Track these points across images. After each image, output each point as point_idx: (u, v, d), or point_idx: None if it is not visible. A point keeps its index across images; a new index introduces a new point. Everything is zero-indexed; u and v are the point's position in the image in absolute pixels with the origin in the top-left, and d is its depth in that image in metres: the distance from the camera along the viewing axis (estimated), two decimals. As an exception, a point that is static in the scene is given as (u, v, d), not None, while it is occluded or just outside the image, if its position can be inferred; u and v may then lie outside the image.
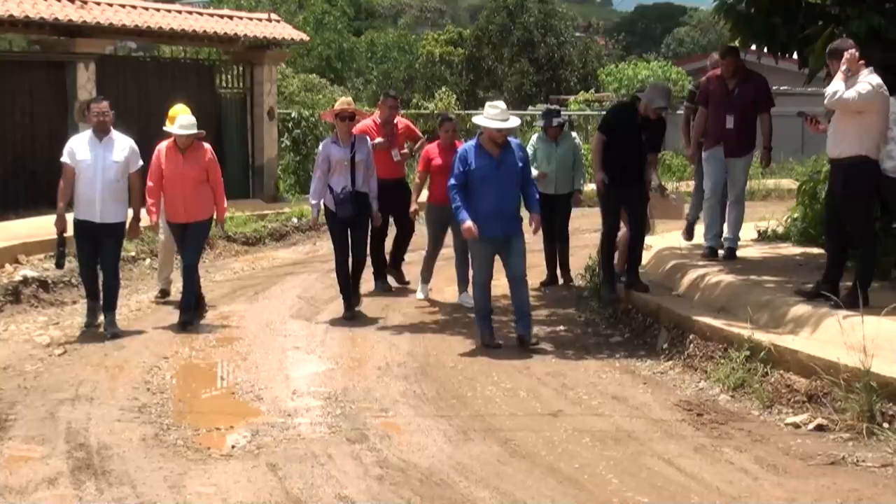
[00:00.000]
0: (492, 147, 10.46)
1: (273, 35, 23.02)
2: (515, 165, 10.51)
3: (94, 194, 10.97)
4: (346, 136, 11.94)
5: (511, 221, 10.54)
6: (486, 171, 10.40)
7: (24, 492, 6.78)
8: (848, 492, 6.80)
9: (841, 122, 9.45)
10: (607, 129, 11.83)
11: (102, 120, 11.11)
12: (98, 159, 11.02)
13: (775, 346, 9.02)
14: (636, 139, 11.52)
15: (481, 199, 10.41)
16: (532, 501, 6.66)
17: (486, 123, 10.43)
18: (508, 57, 44.71)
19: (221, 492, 6.80)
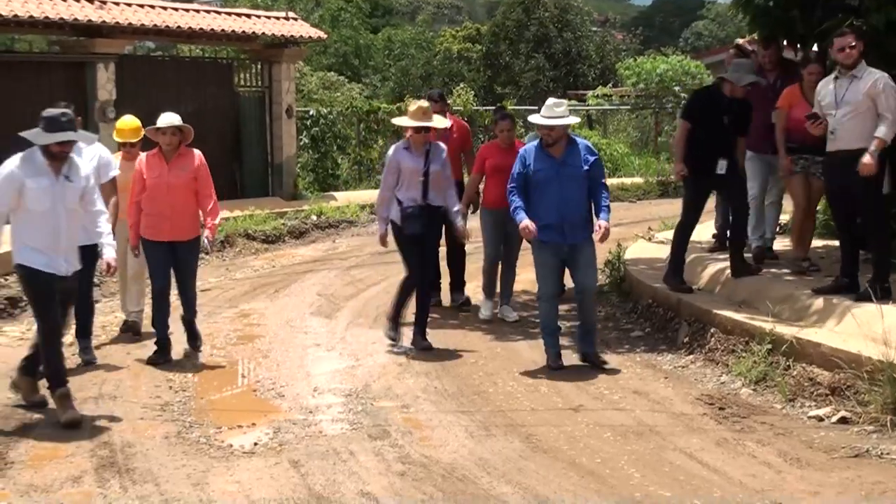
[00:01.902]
0: (551, 147, 9.60)
1: (290, 33, 23.08)
2: (580, 167, 9.58)
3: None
4: (420, 144, 10.35)
5: (576, 229, 9.61)
6: (547, 172, 9.54)
7: (49, 490, 6.80)
8: (872, 485, 6.78)
9: (857, 117, 9.39)
10: (689, 115, 11.13)
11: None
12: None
13: (797, 339, 9.01)
14: (720, 125, 10.74)
15: (541, 204, 9.58)
16: (554, 496, 6.65)
17: (535, 120, 9.77)
18: (525, 52, 44.73)
19: (244, 489, 6.81)
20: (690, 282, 11.55)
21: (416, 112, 10.31)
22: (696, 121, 10.84)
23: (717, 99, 10.87)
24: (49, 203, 7.95)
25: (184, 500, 6.61)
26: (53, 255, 8.04)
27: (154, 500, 6.61)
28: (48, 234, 8.00)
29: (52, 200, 7.97)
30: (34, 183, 7.88)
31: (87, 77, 19.09)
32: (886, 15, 10.57)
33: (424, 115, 10.29)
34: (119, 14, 19.73)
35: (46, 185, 7.94)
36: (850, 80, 9.43)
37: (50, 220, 7.99)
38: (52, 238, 8.02)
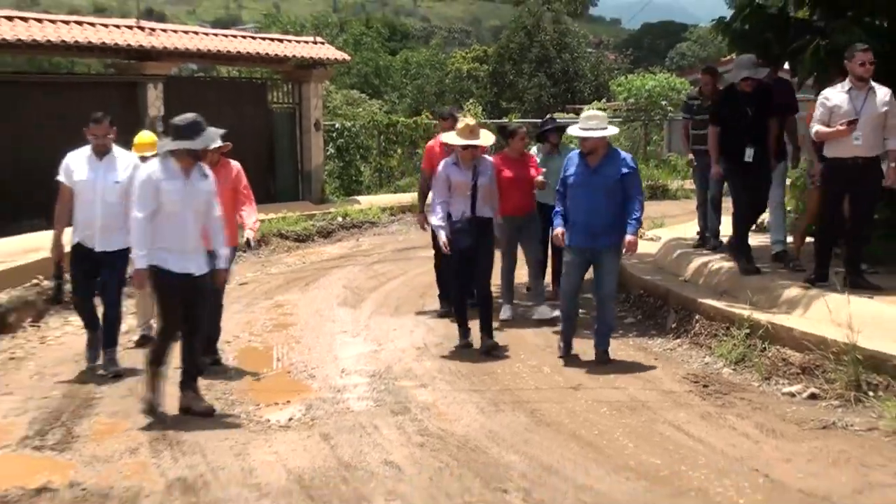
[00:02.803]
0: (591, 156, 9.13)
1: (318, 55, 23.10)
2: (612, 178, 9.06)
3: (95, 219, 8.91)
4: (468, 159, 9.77)
5: (602, 235, 9.11)
6: (579, 179, 9.15)
7: (109, 460, 6.84)
8: (838, 453, 6.80)
9: (877, 127, 9.30)
10: (716, 120, 10.76)
11: (101, 143, 9.00)
12: (98, 180, 8.92)
13: (772, 324, 9.02)
14: (744, 118, 10.38)
15: (572, 208, 9.20)
16: (557, 464, 6.67)
17: (572, 132, 9.33)
18: (528, 72, 44.71)
19: (281, 459, 6.84)
20: (678, 274, 11.57)
21: (464, 130, 9.74)
22: (723, 122, 10.61)
23: (735, 96, 10.56)
24: (180, 205, 7.69)
25: (228, 469, 6.64)
26: (183, 256, 7.75)
27: (201, 469, 6.65)
28: (179, 235, 7.71)
29: (183, 203, 7.71)
30: (169, 185, 7.63)
31: (138, 95, 19.17)
32: (849, 36, 10.62)
33: (471, 133, 9.71)
34: (166, 39, 19.86)
35: (180, 187, 7.67)
36: (865, 92, 9.31)
37: (180, 222, 7.72)
38: (182, 239, 7.74)
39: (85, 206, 8.91)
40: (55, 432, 7.44)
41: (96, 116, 9.00)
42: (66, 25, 18.53)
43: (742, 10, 12.25)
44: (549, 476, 6.47)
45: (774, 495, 6.11)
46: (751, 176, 10.50)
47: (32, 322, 11.05)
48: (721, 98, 11.10)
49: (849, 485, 6.24)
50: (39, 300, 11.43)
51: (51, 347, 10.24)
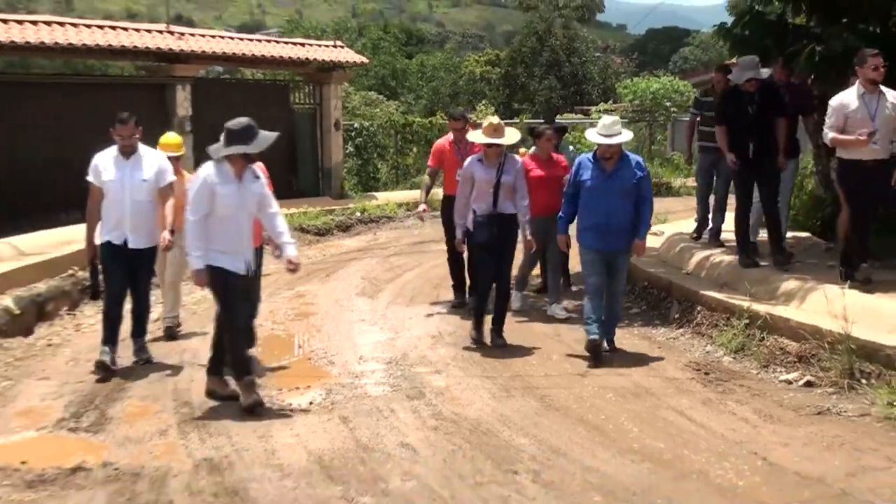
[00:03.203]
0: (603, 161, 8.92)
1: (338, 59, 23.12)
2: (628, 181, 8.88)
3: (124, 217, 8.69)
4: (493, 157, 9.50)
5: (618, 237, 8.94)
6: (595, 182, 8.87)
7: (141, 441, 6.88)
8: (832, 437, 6.80)
9: (890, 130, 9.19)
10: (721, 119, 10.54)
11: (127, 144, 8.76)
12: (125, 179, 8.69)
13: (770, 315, 9.01)
14: (746, 116, 10.23)
15: (588, 211, 8.95)
16: (565, 447, 6.67)
17: (593, 138, 8.95)
18: (539, 75, 44.68)
19: (302, 440, 6.86)
20: (680, 267, 11.55)
21: (488, 129, 9.48)
22: (728, 120, 10.42)
23: (739, 97, 10.35)
24: (234, 208, 7.53)
25: (251, 450, 6.66)
26: (237, 256, 7.57)
27: (227, 450, 6.66)
28: (232, 236, 7.55)
29: (237, 206, 7.54)
30: (223, 189, 7.45)
31: (167, 96, 19.24)
32: (844, 41, 10.64)
33: (496, 131, 9.44)
34: (194, 43, 19.92)
35: (234, 191, 7.50)
36: (877, 96, 9.16)
37: (234, 224, 7.55)
38: (236, 240, 7.58)
39: (114, 205, 8.69)
40: (89, 415, 7.48)
41: (122, 117, 8.79)
42: (100, 30, 18.60)
43: (742, 16, 12.26)
44: (557, 458, 6.47)
45: (772, 477, 6.11)
46: (754, 172, 10.36)
47: (68, 310, 11.10)
48: (725, 98, 10.93)
49: (842, 468, 6.23)
50: (75, 290, 11.48)
51: (85, 335, 10.28)
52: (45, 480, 6.08)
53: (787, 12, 12.51)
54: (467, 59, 51.88)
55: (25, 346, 9.56)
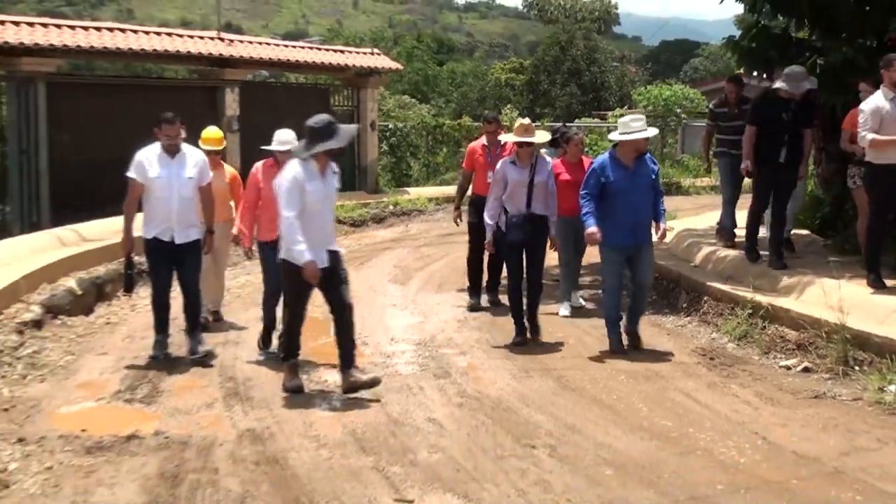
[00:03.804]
0: (628, 159, 8.58)
1: (375, 65, 23.12)
2: (648, 177, 8.64)
3: (171, 214, 8.31)
4: (525, 158, 9.06)
5: (644, 230, 8.69)
6: (623, 182, 8.51)
7: (189, 412, 6.92)
8: (827, 419, 6.78)
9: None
10: (755, 121, 10.01)
11: (173, 143, 8.43)
12: (172, 177, 8.31)
13: (772, 305, 8.98)
14: (782, 122, 9.80)
15: (618, 210, 8.50)
16: (579, 424, 6.66)
17: (625, 137, 8.52)
18: (560, 82, 44.49)
19: (338, 415, 6.88)
20: (689, 260, 11.49)
21: (520, 129, 9.08)
22: (761, 123, 9.91)
23: (776, 102, 9.87)
24: (321, 202, 7.28)
25: (291, 422, 6.69)
26: (319, 250, 7.23)
27: (268, 422, 6.69)
28: (318, 230, 7.25)
29: (323, 200, 7.30)
30: (311, 186, 7.18)
31: (217, 98, 19.30)
32: (843, 54, 10.63)
33: (527, 131, 9.07)
34: (243, 50, 19.99)
35: (320, 187, 7.25)
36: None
37: (320, 218, 7.29)
38: (320, 233, 7.28)
39: (161, 201, 8.28)
40: (143, 388, 7.53)
41: (168, 117, 8.44)
42: (157, 36, 18.72)
43: (749, 30, 12.21)
44: (572, 434, 6.46)
45: (771, 455, 6.08)
46: (778, 176, 9.96)
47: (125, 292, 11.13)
48: (761, 104, 10.27)
49: (836, 448, 6.21)
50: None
51: (140, 314, 10.33)
52: (102, 447, 6.12)
53: (790, 27, 12.46)
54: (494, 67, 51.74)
55: (86, 325, 9.62)
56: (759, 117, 10.02)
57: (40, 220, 15.48)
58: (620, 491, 5.46)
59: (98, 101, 17.18)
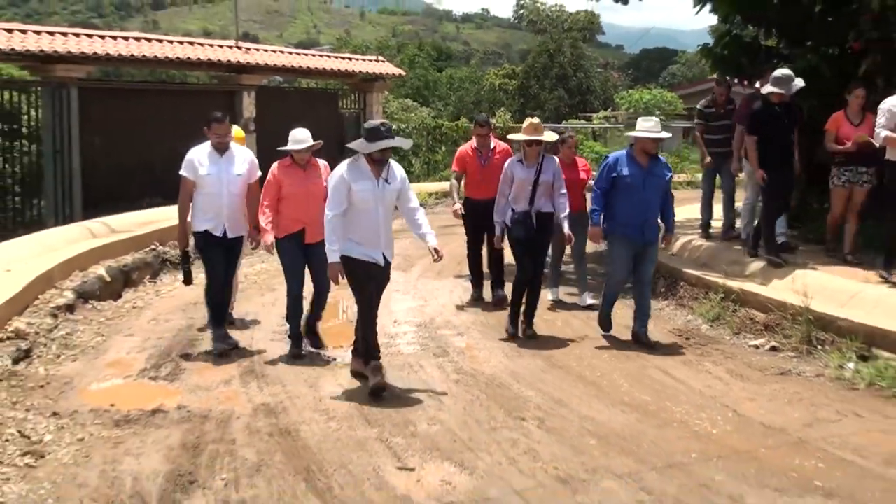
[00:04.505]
0: (642, 157, 8.20)
1: (380, 71, 23.09)
2: (662, 178, 8.24)
3: (221, 209, 7.91)
4: (532, 157, 8.55)
5: (652, 229, 8.31)
6: (635, 179, 8.13)
7: (209, 388, 6.91)
8: (792, 394, 6.80)
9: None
10: (756, 131, 9.45)
11: (223, 141, 7.97)
12: (222, 173, 7.90)
13: (742, 290, 8.99)
14: (782, 127, 9.31)
15: (626, 205, 8.16)
16: (566, 399, 6.66)
17: (641, 133, 8.17)
18: (549, 87, 44.45)
19: (345, 388, 6.88)
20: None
21: (528, 128, 8.55)
22: (762, 132, 9.38)
23: (771, 109, 9.34)
24: (372, 203, 6.82)
25: (302, 397, 6.68)
26: (372, 248, 6.88)
27: (281, 397, 6.68)
28: (369, 229, 6.86)
29: (374, 201, 6.83)
30: (359, 186, 6.76)
31: (235, 101, 19.27)
32: (808, 61, 10.67)
33: (535, 130, 8.52)
34: (259, 57, 19.95)
35: (370, 188, 6.79)
36: None
37: (371, 218, 6.84)
38: (372, 233, 6.88)
39: (212, 198, 7.86)
40: (167, 366, 7.51)
41: (217, 116, 8.02)
42: (180, 45, 18.71)
43: (722, 38, 12.25)
44: (559, 408, 6.46)
45: (741, 427, 6.08)
46: (780, 175, 9.42)
47: (150, 279, 11.13)
48: (760, 113, 9.52)
49: (800, 420, 6.22)
50: (156, 262, 11.53)
51: (164, 299, 10.31)
52: (129, 420, 6.12)
53: (760, 36, 12.46)
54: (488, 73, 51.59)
55: (114, 308, 9.60)
56: (759, 126, 9.44)
57: (73, 213, 15.48)
58: (603, 459, 5.46)
59: (125, 104, 17.19)
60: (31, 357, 7.36)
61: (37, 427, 5.84)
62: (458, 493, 4.97)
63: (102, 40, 17.08)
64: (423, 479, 5.17)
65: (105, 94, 17.37)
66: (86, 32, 17.45)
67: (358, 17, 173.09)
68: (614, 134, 32.16)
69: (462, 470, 5.28)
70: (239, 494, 4.93)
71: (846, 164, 9.55)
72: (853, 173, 9.54)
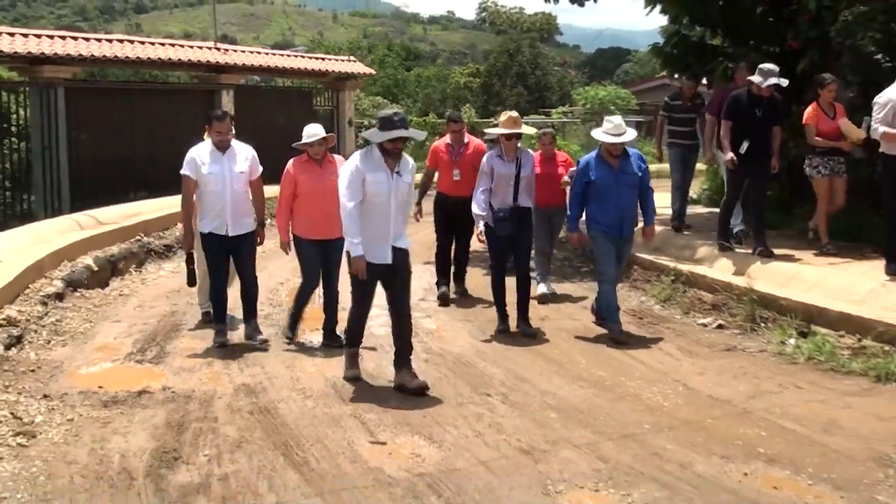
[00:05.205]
0: (610, 158, 7.76)
1: (352, 70, 22.99)
2: (634, 175, 7.76)
3: (225, 207, 7.41)
4: (511, 151, 8.08)
5: (630, 223, 7.91)
6: (607, 180, 7.70)
7: (192, 370, 6.86)
8: (738, 368, 6.87)
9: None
10: (732, 116, 9.07)
11: (224, 139, 7.46)
12: (225, 171, 7.40)
13: (692, 272, 9.05)
14: (754, 118, 8.96)
15: (603, 206, 7.74)
16: (528, 375, 6.68)
17: (602, 138, 7.71)
18: (510, 84, 44.55)
19: (320, 369, 6.86)
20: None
21: (508, 121, 8.07)
22: (737, 118, 9.04)
23: (749, 98, 9.01)
24: (385, 196, 6.20)
25: (280, 377, 6.66)
26: (382, 245, 6.27)
27: (261, 378, 6.65)
28: (379, 224, 6.24)
29: (388, 193, 6.21)
30: (373, 177, 6.16)
31: (215, 100, 19.05)
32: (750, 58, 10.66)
33: (515, 123, 8.06)
34: (237, 57, 19.80)
35: (383, 179, 6.19)
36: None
37: (383, 212, 6.23)
38: (383, 228, 6.25)
39: (215, 196, 7.38)
40: (152, 350, 7.44)
41: (219, 114, 7.55)
42: (162, 47, 18.52)
43: (671, 38, 12.31)
44: (522, 384, 6.48)
45: (690, 399, 6.13)
46: (750, 166, 9.02)
47: (135, 268, 11.03)
48: (736, 100, 9.15)
49: (745, 392, 6.28)
50: (141, 252, 11.41)
51: (149, 287, 10.22)
52: (117, 401, 6.07)
53: (706, 36, 12.50)
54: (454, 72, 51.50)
55: (102, 296, 9.50)
56: (734, 111, 9.09)
57: (61, 206, 15.31)
58: (563, 431, 5.48)
59: (110, 103, 17.00)
60: (23, 343, 7.27)
61: (28, 409, 5.78)
62: (426, 465, 4.97)
63: (87, 42, 16.87)
64: (394, 451, 5.17)
65: (91, 93, 17.17)
66: (72, 35, 17.25)
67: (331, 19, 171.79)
68: (571, 128, 32.21)
69: (431, 443, 5.29)
70: (221, 469, 4.91)
71: (826, 154, 9.16)
72: (835, 163, 9.19)
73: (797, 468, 4.91)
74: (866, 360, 6.71)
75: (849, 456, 5.08)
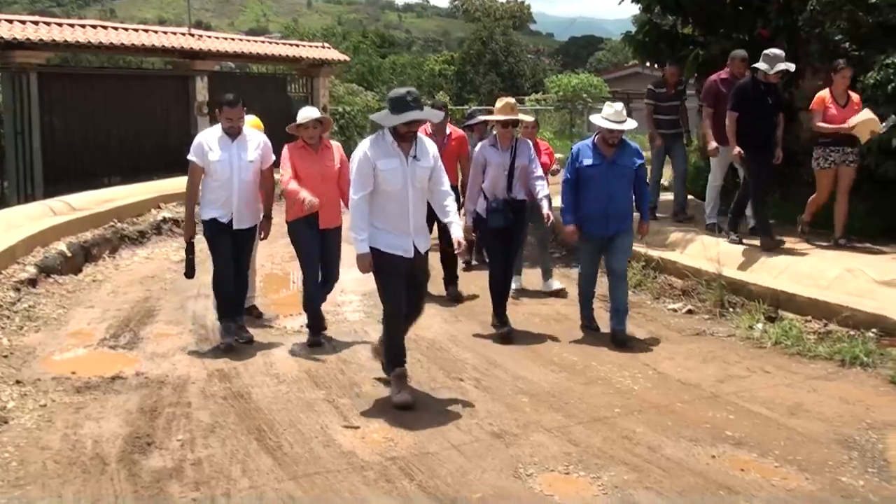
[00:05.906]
0: (605, 147, 7.20)
1: (326, 57, 22.81)
2: (629, 168, 7.17)
3: (231, 197, 6.92)
4: (506, 140, 7.47)
5: (619, 220, 7.24)
6: (597, 169, 7.15)
7: (166, 356, 6.82)
8: (707, 352, 6.92)
9: None
10: (738, 107, 8.80)
11: (234, 126, 6.94)
12: (233, 159, 6.89)
13: (662, 258, 9.08)
14: (765, 107, 8.72)
15: (589, 198, 7.20)
16: (499, 359, 6.70)
17: (601, 124, 7.10)
18: (483, 72, 44.53)
19: (295, 355, 6.83)
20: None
21: (504, 108, 7.48)
22: (744, 109, 8.75)
23: (757, 86, 8.78)
24: (400, 183, 5.59)
25: (254, 363, 6.63)
26: (403, 237, 5.67)
27: (235, 363, 6.62)
28: (398, 214, 5.63)
29: (403, 181, 5.60)
30: (385, 164, 5.56)
31: (189, 86, 18.86)
32: (721, 46, 10.80)
33: (512, 110, 7.50)
34: (211, 44, 19.55)
35: (397, 166, 5.58)
36: None
37: (399, 202, 5.62)
38: (401, 219, 5.65)
39: (222, 184, 6.89)
40: (125, 335, 7.39)
41: (230, 100, 6.95)
42: (136, 32, 18.25)
43: (643, 26, 12.33)
44: (494, 369, 6.49)
45: (660, 383, 6.17)
46: (763, 156, 8.81)
47: (109, 254, 10.92)
48: (742, 89, 8.92)
49: (714, 376, 6.32)
50: (115, 238, 11.29)
51: (122, 273, 10.13)
52: (90, 386, 6.02)
53: (677, 24, 12.52)
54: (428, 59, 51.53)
55: (75, 282, 9.41)
56: (742, 103, 8.82)
57: (34, 191, 15.13)
58: (534, 415, 5.50)
59: (84, 88, 16.74)
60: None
61: (1, 394, 5.72)
62: (399, 449, 4.97)
63: (60, 28, 16.61)
64: (367, 436, 5.17)
65: (64, 78, 16.91)
66: (44, 20, 16.95)
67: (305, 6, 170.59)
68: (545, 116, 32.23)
69: (403, 427, 5.28)
70: (194, 454, 4.88)
71: (832, 144, 8.78)
72: (840, 154, 8.78)
73: (764, 451, 4.95)
74: (832, 344, 6.79)
75: (814, 438, 5.14)
